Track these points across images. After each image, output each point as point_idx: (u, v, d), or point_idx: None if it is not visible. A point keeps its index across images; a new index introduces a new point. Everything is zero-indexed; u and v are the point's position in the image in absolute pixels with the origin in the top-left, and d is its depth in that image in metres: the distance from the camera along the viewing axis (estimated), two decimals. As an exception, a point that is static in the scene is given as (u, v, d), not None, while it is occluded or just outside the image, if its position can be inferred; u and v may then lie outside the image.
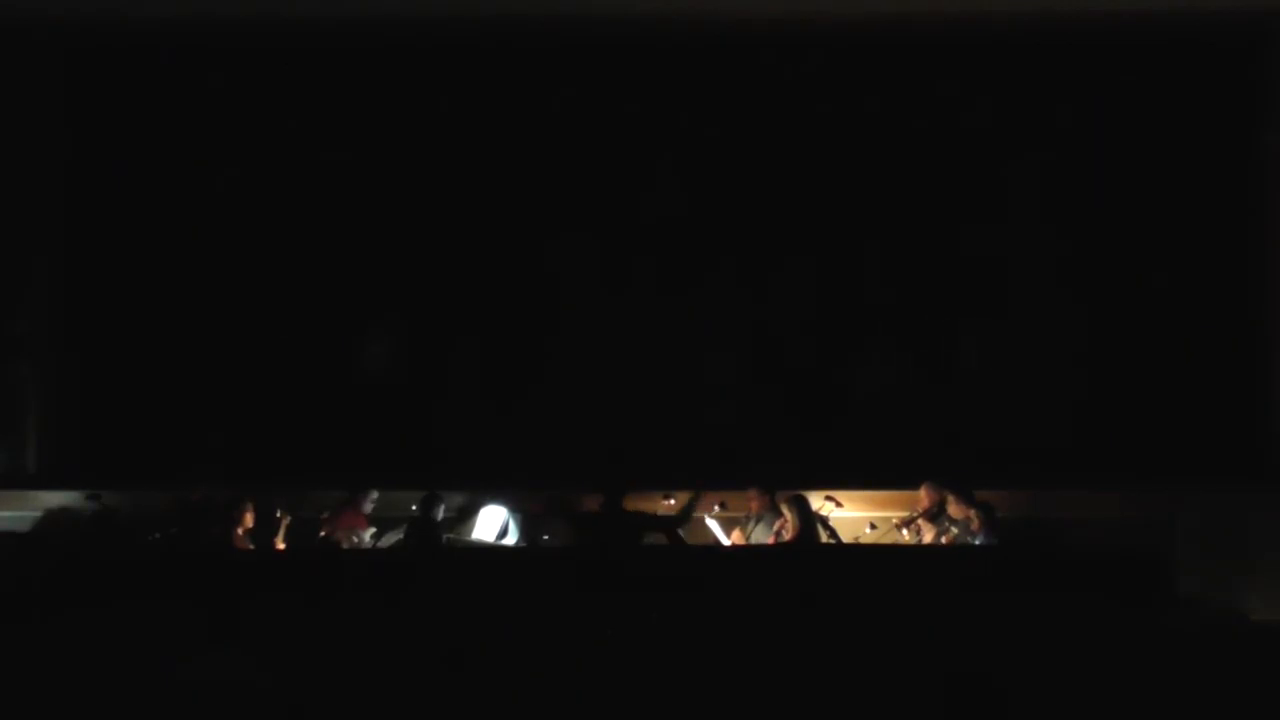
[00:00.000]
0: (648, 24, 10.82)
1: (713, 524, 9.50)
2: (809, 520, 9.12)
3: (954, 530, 9.13)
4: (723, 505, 9.61)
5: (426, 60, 11.37)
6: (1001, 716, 5.14)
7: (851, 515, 9.56)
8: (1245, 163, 11.15)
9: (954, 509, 9.17)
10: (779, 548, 8.92)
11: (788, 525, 9.12)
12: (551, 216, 11.41)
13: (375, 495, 9.68)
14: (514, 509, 9.59)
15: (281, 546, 9.38)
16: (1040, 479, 10.35)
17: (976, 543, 8.92)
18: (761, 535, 9.28)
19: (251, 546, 9.26)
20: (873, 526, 9.52)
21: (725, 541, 9.41)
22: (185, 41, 11.22)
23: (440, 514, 9.39)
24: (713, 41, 11.18)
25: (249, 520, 9.31)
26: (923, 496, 9.41)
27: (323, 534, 9.40)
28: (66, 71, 11.45)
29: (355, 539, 9.37)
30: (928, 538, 9.17)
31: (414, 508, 9.42)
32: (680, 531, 9.10)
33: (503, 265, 11.42)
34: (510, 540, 9.46)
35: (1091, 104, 11.21)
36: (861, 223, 11.38)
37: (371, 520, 9.58)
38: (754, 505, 9.47)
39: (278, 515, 9.48)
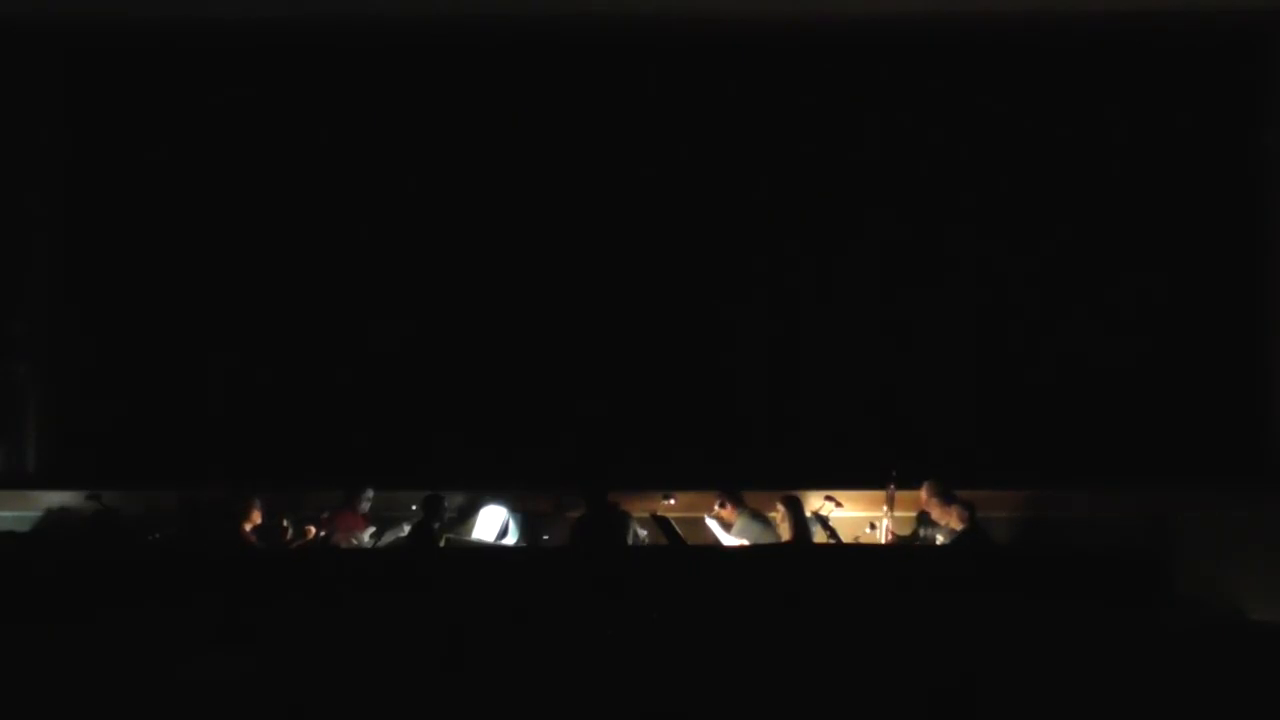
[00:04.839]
0: (648, 24, 10.82)
1: (713, 524, 9.50)
2: (803, 521, 9.13)
3: (931, 532, 9.16)
4: (721, 504, 9.60)
5: (426, 60, 11.37)
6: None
7: (851, 515, 9.56)
8: (1245, 163, 11.15)
9: (935, 511, 9.17)
10: (777, 548, 8.92)
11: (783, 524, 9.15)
12: (550, 216, 11.39)
13: (370, 494, 9.70)
14: (514, 509, 9.61)
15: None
16: (1040, 479, 10.35)
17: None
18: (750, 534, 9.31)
19: (258, 543, 9.25)
20: (872, 526, 9.52)
21: (725, 541, 9.41)
22: (185, 41, 11.22)
23: (443, 516, 9.39)
24: (713, 41, 11.19)
25: (257, 517, 9.30)
26: (924, 497, 9.41)
27: (322, 534, 9.40)
28: (66, 71, 11.45)
29: (355, 540, 9.38)
30: (939, 539, 9.17)
31: (413, 508, 9.44)
32: (679, 530, 9.10)
33: (501, 265, 11.40)
34: (510, 540, 9.47)
35: (1091, 104, 11.20)
36: (861, 222, 11.38)
37: (371, 520, 9.59)
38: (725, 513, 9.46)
39: (280, 519, 9.48)
